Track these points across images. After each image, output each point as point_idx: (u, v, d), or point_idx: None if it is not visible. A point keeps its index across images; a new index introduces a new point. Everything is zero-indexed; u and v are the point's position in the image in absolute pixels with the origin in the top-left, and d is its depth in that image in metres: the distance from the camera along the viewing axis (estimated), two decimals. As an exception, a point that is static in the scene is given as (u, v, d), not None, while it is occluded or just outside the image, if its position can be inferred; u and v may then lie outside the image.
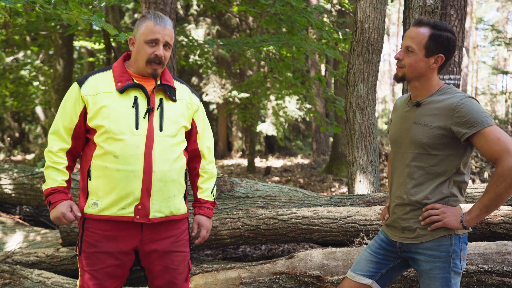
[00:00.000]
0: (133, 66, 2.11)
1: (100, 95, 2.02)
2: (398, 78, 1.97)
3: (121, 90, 2.02)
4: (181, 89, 2.19)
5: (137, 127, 1.99)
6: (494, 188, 1.74)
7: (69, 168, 2.11)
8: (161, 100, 2.07)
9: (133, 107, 2.01)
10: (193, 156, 2.25)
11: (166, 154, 2.02)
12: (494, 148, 1.74)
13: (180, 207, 2.10)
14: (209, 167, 2.27)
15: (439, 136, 1.85)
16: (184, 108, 2.14)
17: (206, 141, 2.26)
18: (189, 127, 2.17)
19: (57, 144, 2.07)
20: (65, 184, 2.07)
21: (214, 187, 2.29)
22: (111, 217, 1.98)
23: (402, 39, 1.96)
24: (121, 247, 2.01)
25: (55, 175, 2.06)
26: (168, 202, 2.04)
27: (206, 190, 2.26)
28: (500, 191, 1.73)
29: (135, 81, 2.06)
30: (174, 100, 2.11)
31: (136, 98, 2.03)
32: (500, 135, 1.75)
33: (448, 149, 1.86)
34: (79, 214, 2.03)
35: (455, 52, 2.40)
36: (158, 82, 2.10)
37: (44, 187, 2.06)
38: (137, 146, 1.97)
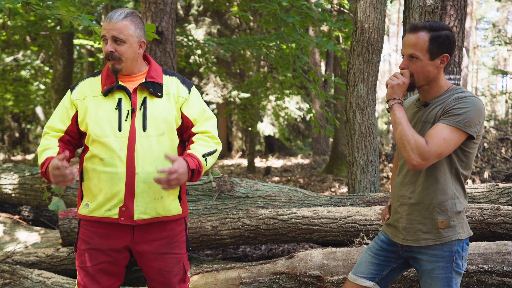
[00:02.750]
0: None
1: (87, 99, 2.05)
2: (409, 87, 1.94)
3: (105, 93, 2.03)
4: (170, 83, 2.12)
5: (120, 129, 1.99)
6: (396, 131, 1.83)
7: (60, 147, 2.04)
8: (144, 98, 2.04)
9: (116, 109, 2.02)
10: (188, 137, 2.14)
11: (150, 155, 2.00)
12: (434, 136, 1.78)
13: (171, 208, 2.07)
14: (204, 136, 2.08)
15: None
16: (172, 102, 2.08)
17: (203, 124, 2.11)
18: (180, 121, 2.10)
19: (49, 133, 2.08)
20: (54, 155, 1.98)
21: (208, 154, 2.04)
22: (99, 218, 2.01)
23: (403, 46, 1.94)
24: (112, 245, 2.02)
25: (45, 154, 1.99)
26: (155, 203, 2.02)
27: (197, 152, 2.01)
28: (397, 137, 1.82)
29: (120, 82, 2.06)
30: (160, 96, 2.06)
31: (120, 100, 2.03)
32: (449, 139, 1.77)
33: None
34: (67, 154, 1.82)
35: (456, 47, 2.42)
36: (143, 80, 2.06)
37: (39, 169, 2.00)
38: (120, 149, 1.97)
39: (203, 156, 2.00)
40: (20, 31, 8.64)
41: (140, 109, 2.03)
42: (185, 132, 2.15)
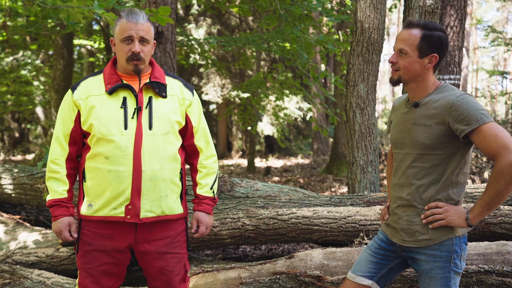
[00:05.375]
0: (119, 66, 2.12)
1: (90, 98, 2.05)
2: (394, 81, 1.97)
3: (110, 92, 2.04)
4: (173, 85, 2.17)
5: (125, 127, 2.00)
6: (493, 186, 1.74)
7: (69, 176, 2.12)
8: (150, 98, 2.07)
9: (121, 107, 2.02)
10: (190, 151, 2.24)
11: (156, 153, 2.02)
12: (492, 145, 1.74)
13: (174, 207, 2.09)
14: (207, 162, 2.24)
15: (439, 135, 1.85)
16: (176, 104, 2.13)
17: (202, 135, 2.24)
18: (183, 123, 2.15)
19: (56, 151, 2.10)
20: (66, 195, 2.08)
21: (214, 182, 2.26)
22: (104, 218, 2.01)
23: (395, 41, 1.96)
24: (116, 245, 2.03)
25: (55, 185, 2.08)
26: (160, 201, 2.03)
27: (205, 186, 2.23)
28: (499, 188, 1.73)
29: (124, 81, 2.07)
30: (165, 97, 2.09)
31: (125, 99, 2.04)
32: (497, 132, 1.74)
33: (449, 148, 1.86)
34: (75, 236, 2.08)
35: (447, 51, 2.40)
36: (147, 80, 2.09)
37: (47, 198, 2.09)
38: (126, 147, 1.99)
39: (211, 187, 2.24)
40: (21, 31, 8.63)
41: (146, 107, 2.05)
42: (185, 135, 2.19)
